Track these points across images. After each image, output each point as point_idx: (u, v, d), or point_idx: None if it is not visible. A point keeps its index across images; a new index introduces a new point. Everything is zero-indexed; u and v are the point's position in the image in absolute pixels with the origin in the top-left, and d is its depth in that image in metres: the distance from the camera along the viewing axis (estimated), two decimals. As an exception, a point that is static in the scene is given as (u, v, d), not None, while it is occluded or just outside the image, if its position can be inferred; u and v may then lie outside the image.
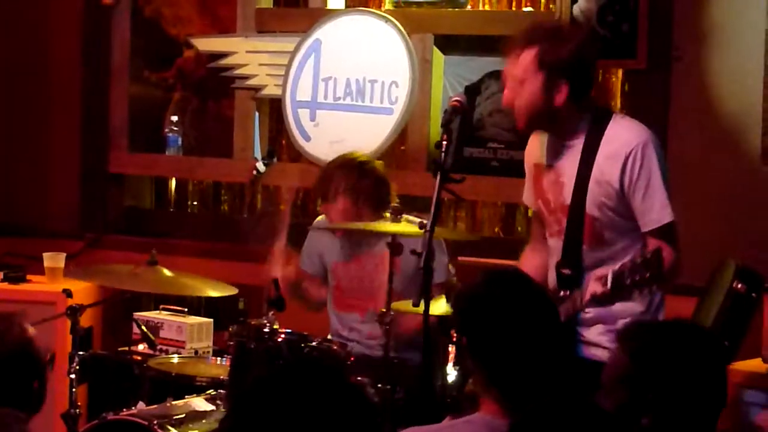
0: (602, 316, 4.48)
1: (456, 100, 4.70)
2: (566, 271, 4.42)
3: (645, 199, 4.48)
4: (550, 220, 4.74)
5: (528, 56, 4.56)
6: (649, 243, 4.38)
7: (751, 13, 5.82)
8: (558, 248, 4.63)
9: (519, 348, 3.49)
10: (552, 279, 4.54)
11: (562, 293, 4.39)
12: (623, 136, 4.54)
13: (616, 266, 4.17)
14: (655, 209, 4.48)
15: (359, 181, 5.72)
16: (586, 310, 4.39)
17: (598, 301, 4.26)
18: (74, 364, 5.53)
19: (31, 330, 3.80)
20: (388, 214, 5.38)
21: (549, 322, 3.60)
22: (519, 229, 6.71)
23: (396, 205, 5.36)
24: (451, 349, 4.73)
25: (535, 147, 4.81)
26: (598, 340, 4.48)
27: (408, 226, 5.15)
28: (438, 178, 4.48)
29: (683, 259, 4.55)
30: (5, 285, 6.85)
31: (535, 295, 3.64)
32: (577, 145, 4.59)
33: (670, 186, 4.51)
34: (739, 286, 5.05)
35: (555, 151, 4.68)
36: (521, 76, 4.58)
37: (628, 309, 4.44)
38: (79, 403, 5.60)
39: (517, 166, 6.41)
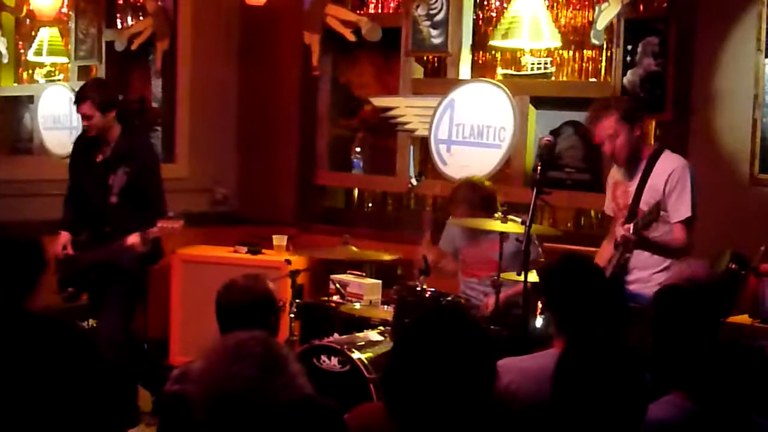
0: (642, 278, 4.67)
1: (547, 140, 4.76)
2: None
3: (676, 201, 4.64)
4: (619, 215, 4.86)
5: (611, 119, 4.71)
6: (674, 227, 4.62)
7: (744, 82, 5.72)
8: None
9: (579, 305, 3.49)
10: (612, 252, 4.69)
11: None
12: (668, 163, 4.72)
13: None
14: (681, 208, 4.63)
15: (475, 194, 5.66)
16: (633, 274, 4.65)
17: (627, 243, 4.54)
18: (293, 308, 5.65)
19: (271, 284, 3.87)
20: (498, 215, 5.39)
21: (602, 289, 3.60)
22: (584, 225, 6.66)
23: (504, 209, 5.34)
24: (539, 304, 4.76)
25: (614, 172, 4.97)
26: (639, 291, 4.62)
27: (513, 225, 5.16)
28: (534, 191, 4.52)
29: (698, 249, 4.72)
30: (248, 256, 6.94)
31: (594, 272, 3.65)
32: (641, 168, 4.74)
33: (696, 196, 4.65)
34: (733, 266, 5.01)
35: (629, 174, 4.82)
36: (613, 132, 4.71)
37: (654, 261, 4.68)
38: (295, 334, 5.72)
39: (584, 184, 6.41)
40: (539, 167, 4.69)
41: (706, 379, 3.03)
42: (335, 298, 6.09)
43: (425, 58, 7.15)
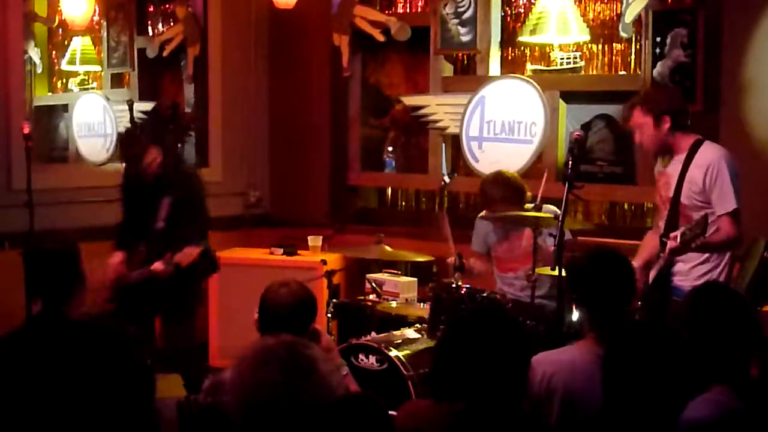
0: (682, 270, 4.67)
1: (578, 134, 4.75)
2: (665, 239, 4.56)
3: (719, 194, 4.64)
4: (661, 207, 4.90)
5: (638, 111, 4.81)
6: (721, 221, 4.61)
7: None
8: (663, 225, 4.77)
9: (607, 300, 3.50)
10: (657, 244, 4.61)
11: (662, 254, 4.52)
12: (707, 154, 4.72)
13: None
14: (725, 201, 4.63)
15: (506, 190, 5.63)
16: (675, 266, 4.63)
17: (674, 252, 4.50)
18: (330, 308, 5.69)
19: (308, 287, 3.91)
20: (530, 206, 5.39)
21: (629, 283, 3.61)
22: (617, 218, 6.66)
23: (537, 203, 5.35)
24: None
25: (659, 164, 5.00)
26: (679, 284, 4.63)
27: (547, 215, 5.19)
28: (566, 186, 4.53)
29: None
30: (285, 257, 6.99)
31: (622, 265, 3.64)
32: (681, 159, 4.75)
33: (738, 185, 4.65)
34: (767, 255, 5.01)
35: (671, 165, 4.84)
36: (640, 124, 4.78)
37: (694, 255, 4.64)
38: (333, 333, 5.76)
39: (616, 177, 6.41)
40: (571, 162, 4.70)
41: (749, 373, 3.06)
42: (371, 297, 6.13)
43: (454, 55, 7.18)
